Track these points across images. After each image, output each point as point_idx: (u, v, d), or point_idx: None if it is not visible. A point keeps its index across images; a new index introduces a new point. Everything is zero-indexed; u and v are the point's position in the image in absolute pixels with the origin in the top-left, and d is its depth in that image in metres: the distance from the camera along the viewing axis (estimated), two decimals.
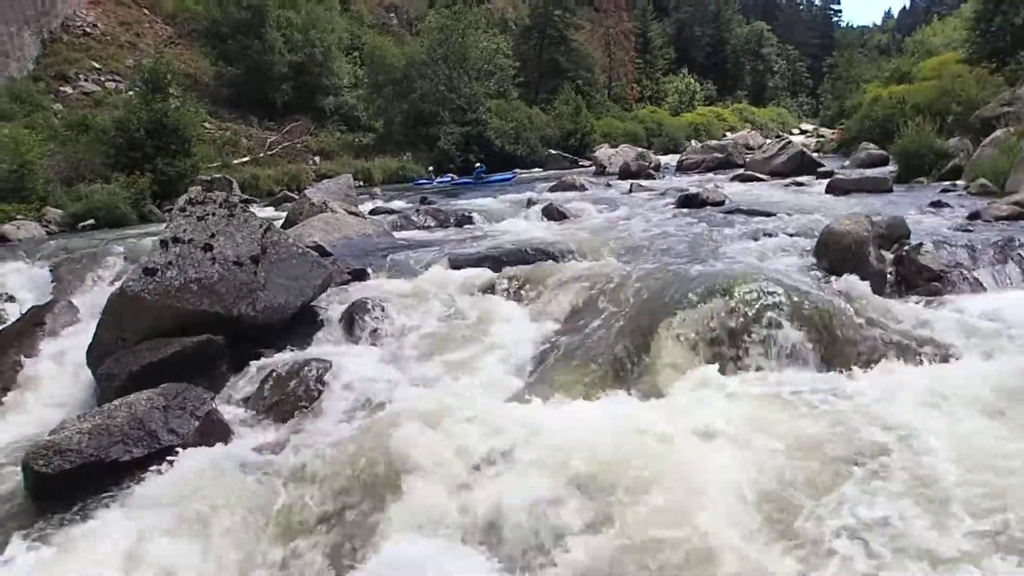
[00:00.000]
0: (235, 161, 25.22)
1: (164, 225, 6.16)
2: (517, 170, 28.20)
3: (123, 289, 5.57)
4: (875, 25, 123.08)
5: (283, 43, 30.19)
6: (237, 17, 29.31)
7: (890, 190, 12.00)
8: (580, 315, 5.95)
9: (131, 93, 21.18)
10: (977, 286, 5.96)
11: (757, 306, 5.27)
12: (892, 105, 19.13)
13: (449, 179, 25.98)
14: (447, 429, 4.14)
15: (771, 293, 5.37)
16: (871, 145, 18.31)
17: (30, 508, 4.17)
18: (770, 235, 7.95)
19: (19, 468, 4.36)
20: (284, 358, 5.54)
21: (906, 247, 6.39)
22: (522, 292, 6.57)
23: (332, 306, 6.44)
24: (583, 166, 29.78)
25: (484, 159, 27.88)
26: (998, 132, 12.24)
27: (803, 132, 49.77)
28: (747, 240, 7.93)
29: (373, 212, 13.45)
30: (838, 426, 3.94)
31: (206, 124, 25.21)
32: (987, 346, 4.88)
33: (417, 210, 12.66)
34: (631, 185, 16.60)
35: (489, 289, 6.70)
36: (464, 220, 11.72)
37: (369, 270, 7.61)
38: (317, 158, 29.06)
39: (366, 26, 40.68)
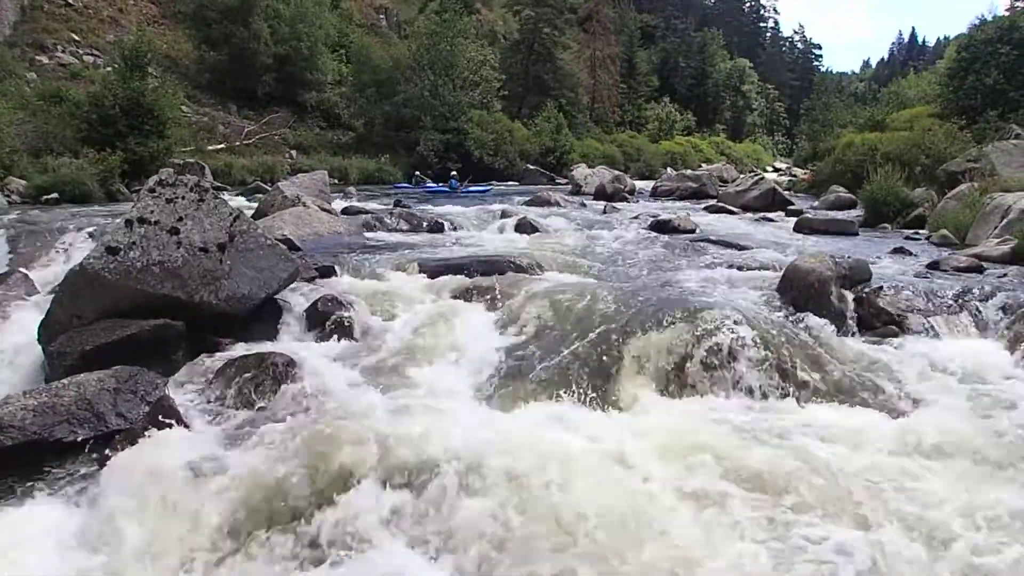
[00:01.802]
0: (210, 147, 24.94)
1: (131, 205, 6.04)
2: (494, 182, 28.26)
3: (83, 266, 5.44)
4: (853, 73, 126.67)
5: (269, 34, 29.97)
6: (225, 2, 29.03)
7: (856, 233, 12.27)
8: (545, 329, 5.97)
9: (109, 69, 20.80)
10: (932, 332, 6.10)
11: (718, 335, 5.36)
12: (864, 151, 19.58)
13: (433, 186, 25.73)
14: (397, 434, 4.12)
15: (733, 323, 5.47)
16: (841, 188, 18.73)
17: None
18: (737, 267, 8.07)
19: None
20: (244, 349, 5.45)
21: (867, 289, 6.53)
22: (490, 301, 6.57)
23: (297, 301, 6.37)
24: (559, 184, 29.95)
25: (462, 168, 27.89)
26: (963, 186, 12.61)
27: (777, 170, 50.77)
28: (714, 269, 8.04)
29: (346, 211, 13.36)
30: (776, 459, 4.02)
31: (183, 107, 24.86)
32: (934, 393, 5.01)
33: (390, 213, 12.60)
34: (605, 206, 16.74)
35: (457, 296, 6.69)
36: (437, 227, 11.70)
37: (337, 268, 7.55)
38: (294, 152, 28.84)
39: (355, 25, 40.60)
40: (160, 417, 4.49)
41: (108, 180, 16.03)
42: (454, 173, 25.33)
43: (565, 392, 5.15)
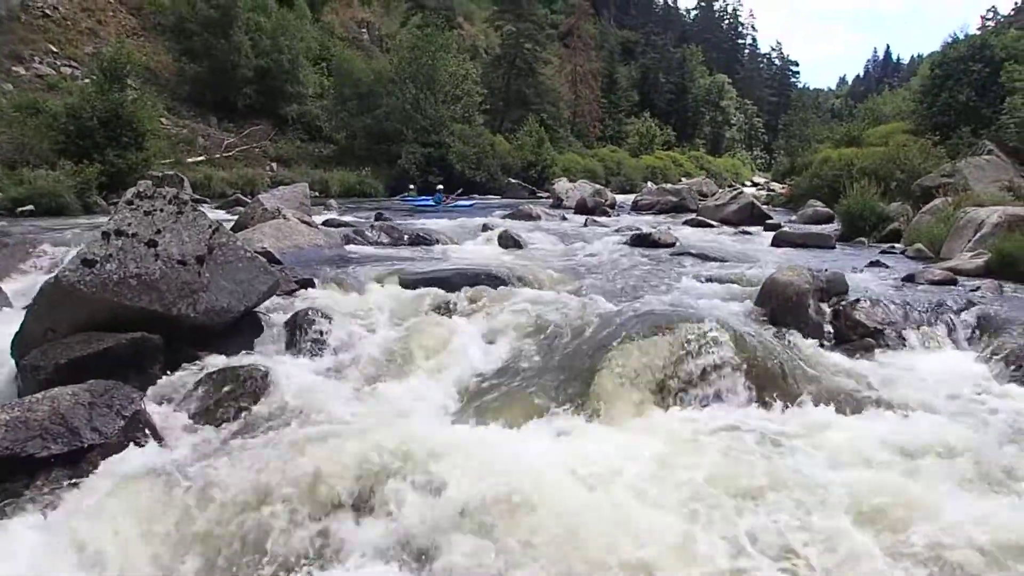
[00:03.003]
0: (189, 160, 24.78)
1: (108, 217, 5.98)
2: (475, 196, 28.30)
3: (58, 278, 5.36)
4: (830, 89, 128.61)
5: (250, 46, 29.89)
6: (205, 14, 28.94)
7: (833, 247, 12.42)
8: (526, 343, 5.97)
9: (87, 81, 20.64)
10: (908, 345, 6.19)
11: (698, 346, 5.39)
12: (840, 166, 19.87)
13: (418, 200, 25.54)
14: (373, 449, 4.09)
15: (713, 335, 5.50)
16: (818, 203, 18.97)
17: None
18: (716, 280, 8.14)
19: None
20: (222, 362, 5.40)
21: (843, 302, 6.61)
22: (470, 315, 6.57)
23: (277, 314, 6.33)
24: (541, 197, 30.05)
25: (444, 182, 27.91)
26: (937, 201, 12.83)
27: (755, 184, 51.29)
28: (694, 282, 8.10)
29: (327, 223, 13.31)
30: (757, 469, 4.05)
31: (163, 119, 24.71)
32: (910, 404, 5.07)
33: (371, 226, 12.58)
34: (586, 220, 16.83)
35: (438, 309, 6.68)
36: (418, 240, 11.69)
37: (317, 281, 7.51)
38: (274, 164, 28.74)
39: (336, 38, 40.63)
40: (136, 432, 4.43)
41: (85, 192, 15.85)
42: (440, 187, 25.20)
43: (545, 405, 5.14)
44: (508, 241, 11.61)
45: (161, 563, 3.53)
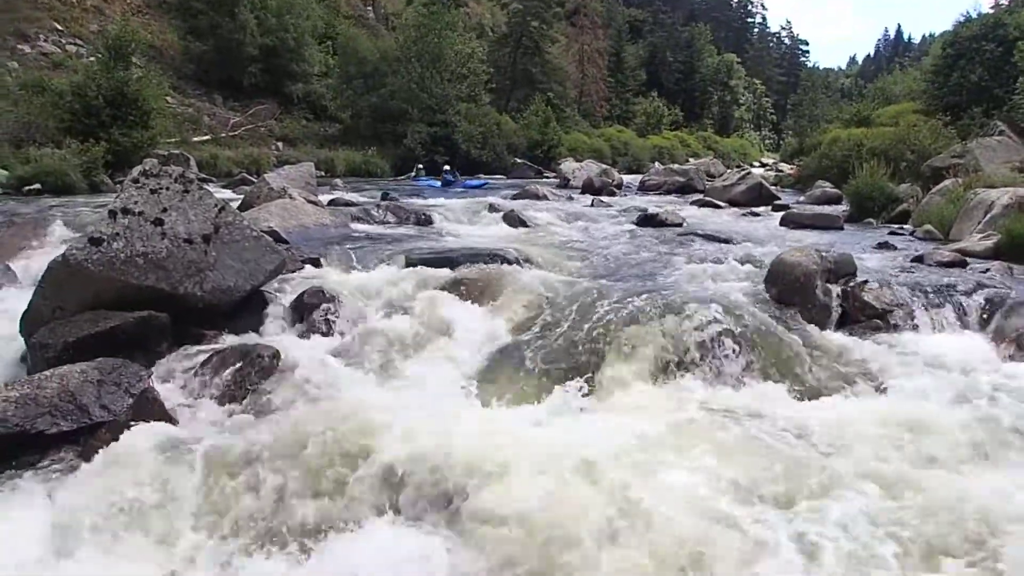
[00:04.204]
0: (195, 139, 24.71)
1: (115, 195, 5.98)
2: (481, 175, 28.16)
3: (65, 257, 5.37)
4: (840, 69, 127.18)
5: (256, 24, 29.69)
6: None
7: (841, 228, 12.34)
8: (533, 322, 5.97)
9: (92, 59, 20.54)
10: (916, 326, 6.15)
11: (705, 327, 5.40)
12: (850, 147, 19.67)
13: (425, 180, 25.24)
14: (380, 427, 4.11)
15: (719, 316, 5.51)
16: (827, 183, 18.81)
17: None
18: (723, 260, 8.10)
19: None
20: (229, 341, 5.42)
21: (852, 283, 6.56)
22: (477, 294, 6.56)
23: (283, 293, 6.33)
24: (547, 177, 29.93)
25: (449, 161, 27.78)
26: (947, 182, 12.70)
27: (763, 165, 50.93)
28: (701, 263, 8.06)
29: (332, 203, 13.29)
30: (764, 449, 4.06)
31: (168, 98, 24.63)
32: (918, 385, 5.06)
33: (377, 205, 12.55)
34: (593, 200, 16.76)
35: (444, 288, 6.67)
36: (424, 220, 11.66)
37: (323, 260, 7.51)
38: (280, 144, 28.65)
39: (342, 16, 40.32)
40: (144, 409, 4.46)
41: (92, 171, 15.83)
42: (447, 168, 24.93)
43: (551, 384, 5.16)
44: (515, 221, 11.58)
45: (167, 535, 3.57)
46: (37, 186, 14.48)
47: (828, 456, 3.95)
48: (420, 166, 27.89)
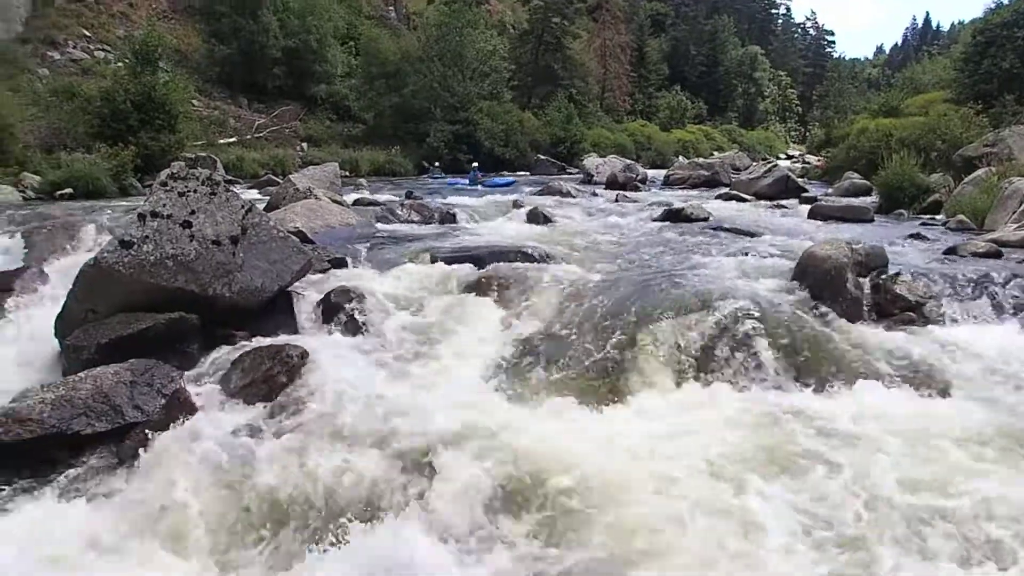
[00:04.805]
0: (221, 141, 24.98)
1: (144, 199, 6.06)
2: (505, 173, 28.11)
3: (97, 260, 5.46)
4: (866, 59, 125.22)
5: (278, 26, 29.93)
6: None
7: (871, 220, 12.14)
8: (559, 319, 5.94)
9: (120, 64, 20.84)
10: (949, 319, 6.03)
11: (734, 323, 5.34)
12: (879, 137, 19.35)
13: (451, 179, 25.10)
14: (407, 424, 4.13)
15: (748, 311, 5.44)
16: (855, 175, 18.52)
17: None
18: (751, 254, 8.01)
19: None
20: (258, 341, 5.46)
21: (883, 276, 6.45)
22: (503, 292, 6.54)
23: (310, 293, 6.37)
24: (570, 173, 29.82)
25: (472, 159, 27.78)
26: (980, 171, 12.44)
27: (789, 157, 50.32)
28: (728, 257, 7.97)
29: (357, 203, 13.36)
30: (793, 441, 4.00)
31: (194, 101, 24.93)
32: (952, 378, 4.96)
33: (401, 204, 12.60)
34: (617, 195, 16.65)
35: (470, 287, 6.67)
36: (448, 218, 11.68)
37: (350, 259, 7.55)
38: (305, 144, 28.86)
39: (363, 17, 40.48)
40: (176, 409, 4.52)
41: (121, 175, 16.07)
42: (475, 164, 24.72)
43: (578, 381, 5.14)
44: (539, 218, 11.54)
45: (203, 534, 3.61)
46: (69, 190, 14.73)
47: (864, 451, 3.88)
48: (437, 164, 27.92)
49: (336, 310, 6.11)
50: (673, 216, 11.77)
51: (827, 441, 4.05)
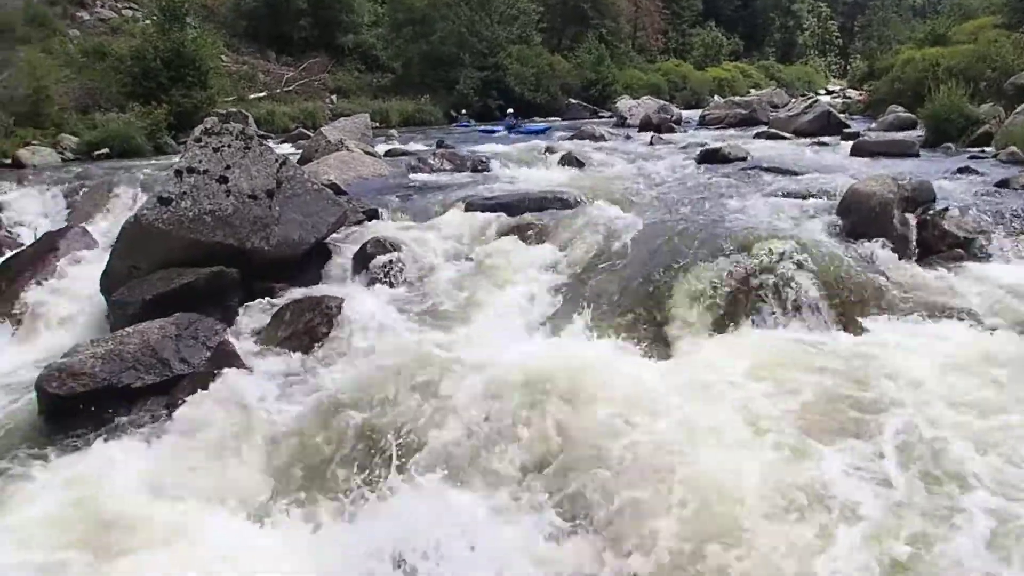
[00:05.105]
0: (251, 96, 24.96)
1: (179, 155, 6.10)
2: (536, 119, 27.67)
3: (137, 218, 5.54)
4: None
5: None
6: None
7: (917, 154, 11.70)
8: (596, 264, 5.89)
9: (148, 22, 20.82)
10: (1000, 255, 5.84)
11: (775, 263, 5.21)
12: (925, 68, 18.53)
13: (485, 127, 24.65)
14: (448, 367, 4.15)
15: (791, 251, 5.30)
16: (900, 108, 17.81)
17: (42, 430, 4.23)
18: (792, 194, 7.80)
19: (32, 390, 4.40)
20: (297, 293, 5.54)
21: (931, 212, 6.25)
22: (539, 239, 6.50)
23: (346, 245, 6.42)
24: (603, 117, 29.26)
25: (502, 105, 27.35)
26: None
27: (829, 92, 48.64)
28: (768, 197, 7.78)
29: (389, 153, 13.29)
30: (847, 382, 3.92)
31: (223, 57, 24.87)
32: (1002, 317, 4.81)
33: (433, 153, 12.49)
34: (652, 137, 16.31)
35: (505, 233, 6.63)
36: (480, 165, 11.55)
37: (384, 211, 7.56)
38: (334, 96, 28.70)
39: None
40: (221, 361, 4.61)
41: (156, 133, 16.21)
42: (511, 111, 24.20)
43: (616, 324, 5.10)
44: (572, 162, 11.37)
45: (256, 478, 3.72)
46: (105, 150, 14.92)
47: (913, 389, 3.81)
48: (464, 112, 27.58)
49: (372, 260, 6.14)
50: (710, 157, 11.48)
51: (876, 381, 3.95)
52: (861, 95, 28.63)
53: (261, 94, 25.74)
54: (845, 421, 3.55)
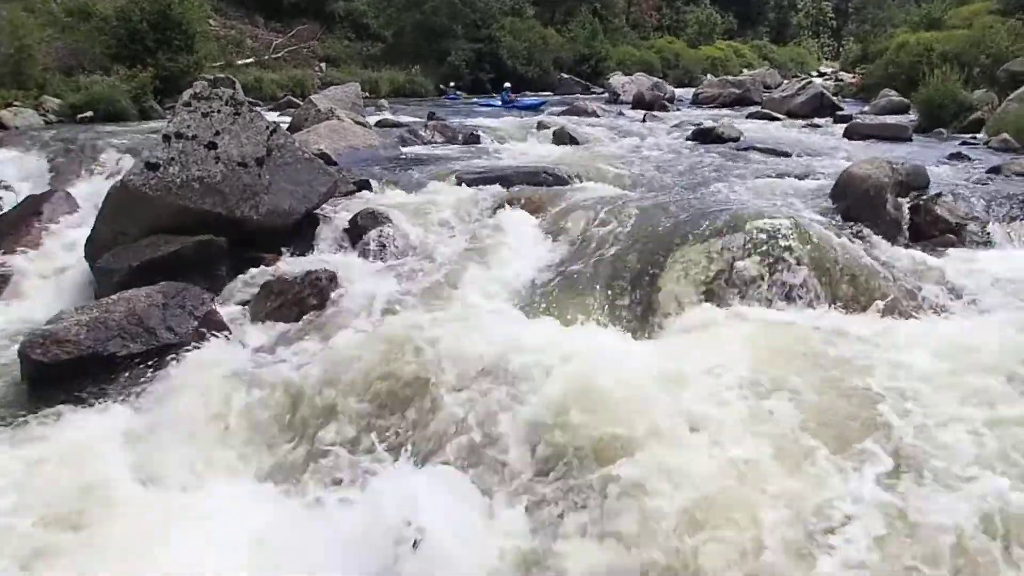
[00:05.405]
0: (239, 62, 24.52)
1: (167, 120, 5.97)
2: (528, 93, 27.41)
3: (124, 183, 5.43)
4: None
5: None
6: None
7: (910, 139, 11.71)
8: (588, 241, 5.84)
9: None
10: (993, 241, 5.86)
11: (768, 243, 5.19)
12: (919, 52, 18.51)
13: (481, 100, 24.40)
14: (436, 342, 4.10)
15: (785, 231, 5.28)
16: (893, 92, 17.79)
17: (25, 397, 4.17)
18: (784, 175, 7.79)
19: (15, 356, 4.33)
20: (287, 263, 5.47)
21: (924, 197, 6.25)
22: (531, 213, 6.44)
23: (337, 215, 6.33)
24: (595, 93, 29.02)
25: (494, 78, 27.04)
26: None
27: (822, 74, 48.50)
28: (761, 178, 7.76)
29: (380, 124, 13.13)
30: (838, 365, 3.90)
31: (210, 20, 24.38)
32: (993, 303, 4.84)
33: (425, 125, 12.37)
34: (645, 115, 16.21)
35: (498, 208, 6.57)
36: (472, 138, 11.46)
37: (375, 182, 7.46)
38: (323, 65, 28.25)
39: None
40: (208, 331, 4.56)
41: (141, 97, 15.87)
42: (507, 85, 23.82)
43: (608, 302, 5.08)
44: (565, 138, 11.28)
45: (240, 448, 3.70)
46: (89, 113, 14.60)
47: (902, 372, 3.80)
48: (452, 84, 27.26)
49: (363, 232, 6.07)
50: (704, 136, 11.44)
51: (863, 360, 3.94)
52: (854, 78, 28.54)
53: (249, 60, 25.31)
54: (838, 409, 3.53)
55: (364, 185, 7.25)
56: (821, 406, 3.48)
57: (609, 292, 5.19)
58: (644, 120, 15.24)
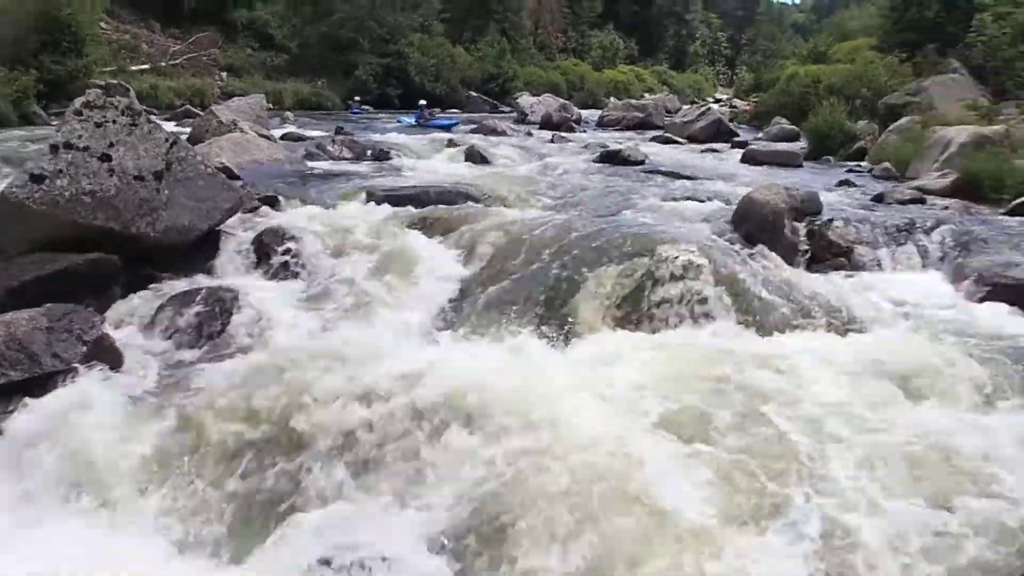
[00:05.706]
0: (133, 67, 23.43)
1: (55, 128, 5.59)
2: (438, 110, 27.34)
3: (4, 195, 5.02)
4: (795, 3, 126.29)
5: None
6: None
7: (801, 165, 12.41)
8: (501, 262, 5.83)
9: None
10: (879, 264, 6.25)
11: (674, 266, 5.33)
12: (807, 84, 19.66)
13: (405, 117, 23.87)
14: (352, 369, 3.97)
15: (689, 256, 5.44)
16: (784, 120, 18.84)
17: None
18: (690, 198, 8.06)
19: None
20: (186, 284, 5.20)
21: (818, 222, 6.60)
22: (442, 232, 6.39)
23: (240, 233, 6.08)
24: (503, 112, 29.35)
25: (403, 95, 26.90)
26: (903, 120, 12.81)
27: (717, 101, 50.82)
28: (667, 201, 8.01)
29: (285, 137, 12.81)
30: (742, 386, 4.04)
31: (102, 23, 23.19)
32: (881, 321, 5.14)
33: (332, 140, 12.13)
34: (553, 135, 16.52)
35: (409, 227, 6.48)
36: (382, 155, 11.32)
37: (281, 198, 7.23)
38: (224, 74, 27.39)
39: None
40: (99, 357, 4.25)
41: (23, 101, 14.91)
42: (423, 102, 23.60)
43: (521, 324, 5.07)
44: (476, 157, 11.32)
45: (124, 487, 3.43)
46: None
47: (801, 388, 3.98)
48: (357, 99, 26.93)
49: (268, 251, 5.86)
50: (611, 158, 11.73)
51: (760, 375, 4.12)
52: (748, 105, 30.05)
53: (144, 66, 24.23)
54: (738, 425, 3.65)
55: (270, 201, 7.01)
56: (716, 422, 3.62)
57: (522, 313, 5.19)
58: (552, 140, 15.52)
